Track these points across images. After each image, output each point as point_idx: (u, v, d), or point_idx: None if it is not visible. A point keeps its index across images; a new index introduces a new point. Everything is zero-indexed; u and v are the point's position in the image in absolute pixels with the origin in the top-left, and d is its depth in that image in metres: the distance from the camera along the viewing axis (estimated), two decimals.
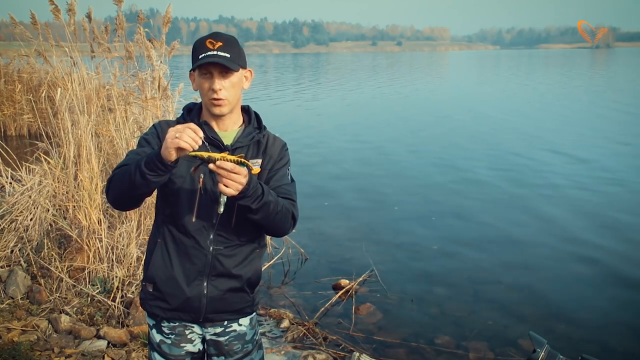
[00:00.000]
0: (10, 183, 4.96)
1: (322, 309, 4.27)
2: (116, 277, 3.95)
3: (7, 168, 5.11)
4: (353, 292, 4.55)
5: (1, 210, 4.58)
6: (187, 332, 1.89)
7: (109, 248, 4.11)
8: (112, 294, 3.87)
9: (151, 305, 1.87)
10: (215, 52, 1.69)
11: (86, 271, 4.06)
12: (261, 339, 2.07)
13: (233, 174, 1.52)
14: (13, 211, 4.54)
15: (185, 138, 1.48)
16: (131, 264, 4.09)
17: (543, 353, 1.48)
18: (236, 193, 1.56)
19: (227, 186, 1.53)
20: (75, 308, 3.83)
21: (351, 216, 6.80)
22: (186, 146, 1.49)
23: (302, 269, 5.17)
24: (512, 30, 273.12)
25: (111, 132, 4.57)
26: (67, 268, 4.10)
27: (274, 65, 60.75)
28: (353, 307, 4.32)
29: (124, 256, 4.10)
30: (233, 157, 1.53)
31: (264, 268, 4.91)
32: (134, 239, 4.15)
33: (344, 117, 16.04)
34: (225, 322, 1.89)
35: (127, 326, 3.65)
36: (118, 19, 4.54)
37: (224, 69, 1.70)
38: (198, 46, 1.72)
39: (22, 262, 4.29)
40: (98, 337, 3.52)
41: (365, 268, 4.97)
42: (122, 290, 3.90)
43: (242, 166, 1.54)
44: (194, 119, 1.81)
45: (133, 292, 3.92)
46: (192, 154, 1.51)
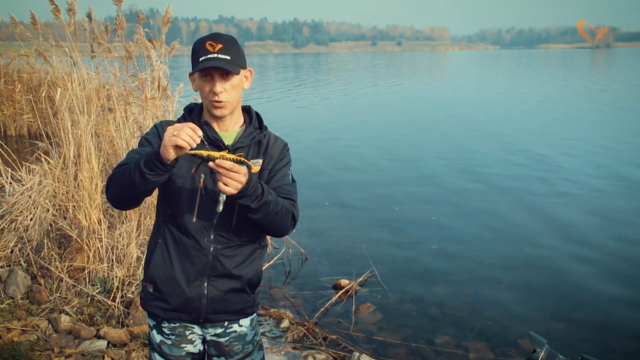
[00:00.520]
0: (10, 183, 4.96)
1: (322, 309, 4.27)
2: (116, 277, 3.95)
3: (7, 168, 5.11)
4: (353, 292, 4.55)
5: (1, 210, 4.58)
6: (188, 333, 1.89)
7: (109, 248, 4.11)
8: (112, 294, 3.86)
9: (151, 305, 1.87)
10: (215, 55, 1.68)
11: (86, 271, 4.06)
12: (261, 340, 2.07)
13: (232, 173, 1.51)
14: (13, 211, 4.54)
15: (183, 136, 1.48)
16: (131, 264, 4.09)
17: (543, 353, 1.48)
18: (236, 192, 1.55)
19: (227, 185, 1.53)
20: (75, 308, 3.83)
21: (351, 216, 6.80)
22: (184, 144, 1.48)
23: (302, 269, 5.17)
24: (512, 30, 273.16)
25: (111, 132, 4.57)
26: (67, 268, 4.10)
27: (274, 65, 60.74)
28: (353, 307, 4.32)
29: (124, 256, 4.10)
30: (233, 156, 1.53)
31: (264, 268, 4.90)
32: (134, 239, 4.15)
33: (344, 117, 16.03)
34: (225, 323, 1.89)
35: (127, 326, 3.65)
36: (118, 19, 4.54)
37: (225, 72, 1.70)
38: (198, 48, 1.71)
39: (22, 262, 4.29)
40: (98, 337, 3.52)
41: (365, 268, 4.97)
42: (122, 290, 3.90)
43: (242, 165, 1.53)
44: (195, 120, 1.81)
45: (133, 292, 3.92)
46: (191, 153, 1.51)
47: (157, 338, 1.91)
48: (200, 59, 1.69)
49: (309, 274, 5.04)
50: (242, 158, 1.54)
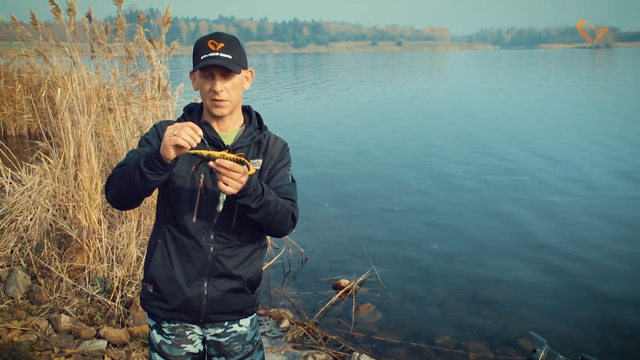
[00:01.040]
0: (10, 183, 4.96)
1: (322, 309, 4.26)
2: (116, 277, 3.94)
3: (7, 168, 5.11)
4: (353, 292, 4.55)
5: (1, 210, 4.58)
6: (188, 333, 1.89)
7: (109, 248, 4.11)
8: (112, 294, 3.86)
9: (151, 305, 1.87)
10: (217, 54, 1.68)
11: (86, 271, 4.06)
12: (262, 340, 2.07)
13: (232, 172, 1.51)
14: (13, 211, 4.54)
15: (183, 135, 1.48)
16: (131, 264, 4.09)
17: (543, 353, 1.48)
18: (236, 191, 1.55)
19: (227, 184, 1.53)
20: (75, 308, 3.83)
21: (351, 216, 6.80)
22: (184, 143, 1.48)
23: (302, 269, 5.17)
24: (512, 30, 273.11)
25: (111, 132, 4.57)
26: (67, 268, 4.10)
27: (274, 65, 60.73)
28: (353, 307, 4.32)
29: (124, 256, 4.10)
30: (233, 156, 1.52)
31: (264, 268, 4.91)
32: (134, 239, 4.15)
33: (345, 117, 16.02)
34: (225, 323, 1.89)
35: (127, 326, 3.65)
36: (118, 19, 4.54)
37: (226, 71, 1.70)
38: (200, 46, 1.71)
39: (22, 262, 4.29)
40: (98, 337, 3.52)
41: (365, 268, 4.97)
42: (122, 290, 3.90)
43: (242, 165, 1.53)
44: (195, 119, 1.81)
45: (133, 292, 3.92)
46: (191, 152, 1.51)
47: (157, 338, 1.91)
48: (201, 57, 1.69)
49: (309, 274, 5.04)
50: (243, 158, 1.54)
